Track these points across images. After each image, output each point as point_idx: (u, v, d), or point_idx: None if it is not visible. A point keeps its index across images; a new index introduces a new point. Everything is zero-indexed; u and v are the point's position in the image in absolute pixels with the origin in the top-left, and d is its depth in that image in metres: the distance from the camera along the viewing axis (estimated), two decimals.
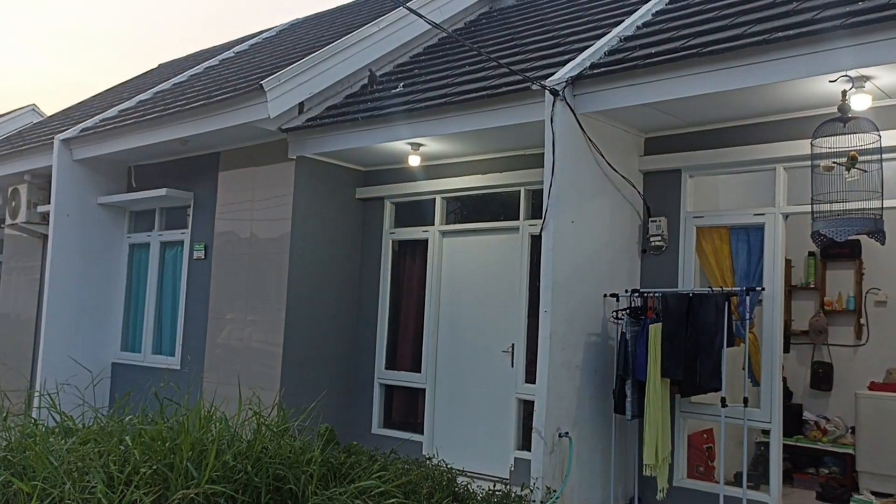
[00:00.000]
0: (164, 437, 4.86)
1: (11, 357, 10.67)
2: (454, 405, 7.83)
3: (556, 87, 5.97)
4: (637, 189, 6.65)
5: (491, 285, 7.71)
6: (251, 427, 5.44)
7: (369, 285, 8.57)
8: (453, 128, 6.94)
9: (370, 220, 8.65)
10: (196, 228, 9.28)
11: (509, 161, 7.53)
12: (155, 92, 11.11)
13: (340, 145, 7.78)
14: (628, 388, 6.06)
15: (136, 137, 9.13)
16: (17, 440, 4.97)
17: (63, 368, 8.55)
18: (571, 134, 6.05)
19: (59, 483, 4.36)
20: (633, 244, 6.68)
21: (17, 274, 11.65)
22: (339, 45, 8.28)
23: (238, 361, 8.29)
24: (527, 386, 7.15)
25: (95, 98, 13.64)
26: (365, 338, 8.52)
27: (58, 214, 9.68)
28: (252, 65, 9.98)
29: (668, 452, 6.02)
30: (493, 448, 7.39)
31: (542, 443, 5.73)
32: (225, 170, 8.93)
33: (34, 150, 10.34)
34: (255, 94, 7.61)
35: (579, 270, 6.12)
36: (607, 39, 6.60)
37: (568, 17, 8.32)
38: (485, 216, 7.96)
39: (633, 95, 5.84)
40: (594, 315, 6.28)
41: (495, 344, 7.56)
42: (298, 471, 4.93)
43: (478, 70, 7.46)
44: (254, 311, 8.32)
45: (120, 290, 10.20)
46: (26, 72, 54.12)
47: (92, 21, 59.45)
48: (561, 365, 5.93)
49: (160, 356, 9.57)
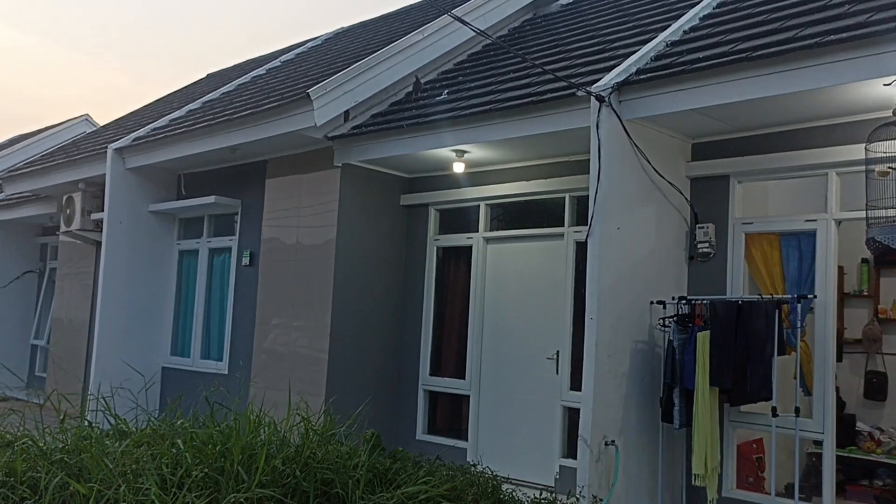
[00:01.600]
0: (215, 441, 4.94)
1: (66, 360, 10.94)
2: (498, 412, 7.82)
3: (601, 94, 5.94)
4: (684, 195, 6.57)
5: (535, 292, 7.69)
6: (299, 432, 5.50)
7: (413, 292, 8.61)
8: (498, 134, 6.95)
9: (414, 227, 8.70)
10: (243, 235, 9.43)
11: (554, 167, 7.51)
12: (204, 101, 11.33)
13: (385, 152, 7.84)
14: (676, 397, 6.00)
15: (186, 146, 9.32)
16: (74, 442, 5.10)
17: (115, 372, 8.77)
18: (617, 140, 6.01)
19: (114, 485, 4.46)
20: (680, 251, 6.60)
21: (70, 280, 11.96)
22: (384, 54, 8.35)
23: (284, 366, 8.40)
24: (572, 393, 7.11)
25: (146, 108, 13.96)
26: (409, 344, 8.56)
27: (111, 222, 9.92)
28: (298, 74, 10.12)
29: (717, 462, 5.93)
30: (537, 455, 7.36)
31: (587, 451, 5.69)
32: (272, 177, 9.06)
33: (88, 159, 10.62)
34: (301, 103, 7.72)
35: (625, 277, 6.07)
36: (654, 44, 6.55)
37: (613, 23, 8.27)
38: (529, 223, 7.95)
39: (680, 101, 5.79)
40: (640, 322, 6.23)
41: (540, 351, 7.53)
42: (345, 476, 4.98)
43: (522, 77, 7.46)
44: (299, 317, 8.42)
45: (170, 296, 10.41)
46: (78, 82, 55.55)
47: (140, 32, 60.80)
48: (607, 372, 5.88)
49: (209, 361, 9.74)
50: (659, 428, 6.20)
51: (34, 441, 5.12)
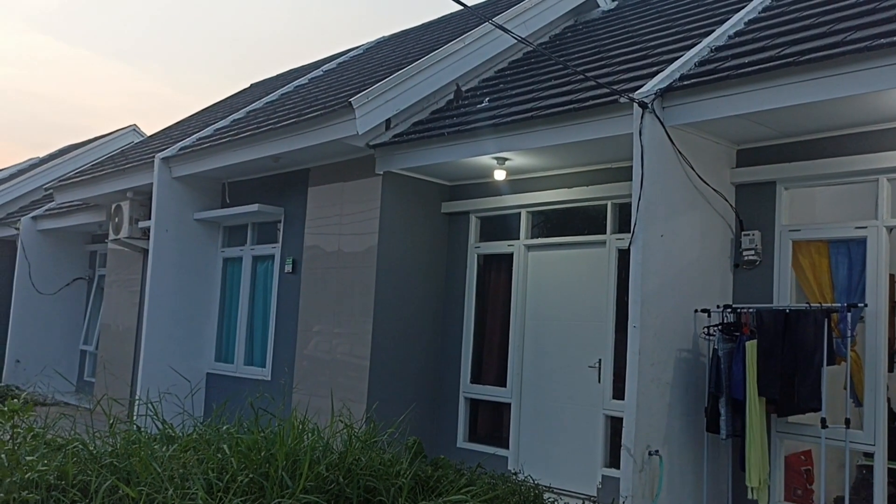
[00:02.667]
0: (260, 446, 5.00)
1: (114, 366, 11.17)
2: (540, 420, 7.78)
3: (644, 100, 5.89)
4: (729, 202, 6.48)
5: (577, 299, 7.65)
6: (341, 438, 5.54)
7: (454, 299, 8.62)
8: (539, 142, 6.94)
9: (455, 235, 8.71)
10: (286, 243, 9.54)
11: (595, 174, 7.47)
12: (248, 111, 11.50)
13: (426, 160, 7.88)
14: (722, 407, 5.91)
15: (231, 155, 9.47)
16: (123, 446, 5.20)
17: (162, 377, 8.93)
18: (660, 147, 5.95)
19: (162, 489, 4.55)
20: (725, 258, 6.51)
21: (118, 287, 12.22)
22: (425, 62, 8.40)
23: (326, 373, 8.47)
24: (614, 402, 7.05)
25: (192, 117, 14.22)
26: (450, 351, 8.57)
27: (157, 229, 10.12)
28: (340, 83, 10.22)
29: (766, 474, 5.82)
30: (579, 465, 7.31)
31: (631, 460, 5.63)
32: (314, 185, 9.16)
33: (136, 169, 10.84)
34: (344, 112, 7.79)
35: (669, 285, 6.01)
36: (697, 50, 6.48)
37: (656, 29, 8.21)
38: (570, 230, 7.91)
39: (725, 107, 5.71)
40: (685, 331, 6.15)
41: (582, 359, 7.48)
42: (388, 483, 5.00)
43: (564, 84, 7.44)
44: (341, 324, 8.48)
45: (214, 303, 10.57)
46: (124, 92, 56.79)
47: (183, 42, 61.97)
48: (650, 381, 5.82)
49: (252, 367, 9.86)
50: (703, 438, 6.11)
51: (85, 445, 5.23)
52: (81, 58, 58.98)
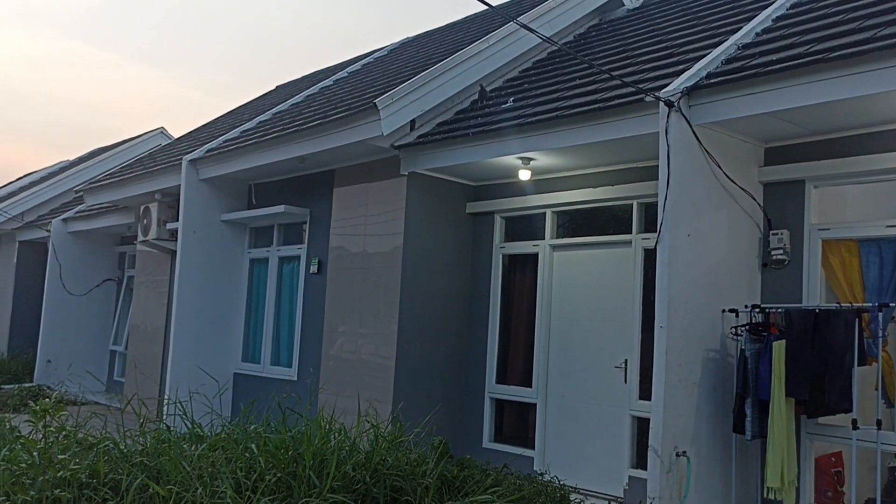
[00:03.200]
0: (287, 446, 5.04)
1: (143, 365, 11.31)
2: (566, 421, 7.76)
3: (670, 99, 5.85)
4: (757, 201, 6.42)
5: (603, 299, 7.61)
6: (368, 438, 5.56)
7: (479, 299, 8.62)
8: (564, 141, 6.91)
9: (480, 235, 8.71)
10: (312, 243, 9.60)
11: (621, 174, 7.43)
12: (274, 113, 11.59)
13: (451, 161, 7.89)
14: (748, 407, 5.85)
15: (257, 156, 9.54)
16: (153, 445, 5.26)
17: (190, 377, 9.02)
18: (687, 145, 5.91)
19: (191, 487, 4.59)
20: (753, 258, 6.45)
21: (147, 287, 12.36)
22: (450, 63, 8.41)
23: (351, 374, 8.50)
24: (641, 402, 7.01)
25: (218, 120, 14.36)
26: (475, 352, 8.57)
27: (185, 231, 10.22)
28: (365, 84, 10.26)
29: (794, 475, 5.75)
30: (606, 465, 7.27)
31: (658, 461, 5.60)
32: (339, 186, 9.21)
33: (164, 171, 10.97)
34: (369, 113, 7.83)
35: (696, 285, 5.96)
36: (724, 47, 6.43)
37: (682, 27, 8.15)
38: (596, 230, 7.88)
39: (752, 105, 5.65)
40: (712, 331, 6.10)
41: (608, 359, 7.44)
42: (415, 483, 5.01)
43: (589, 83, 7.41)
44: (366, 325, 8.51)
45: (241, 303, 10.66)
46: (152, 95, 57.49)
47: (209, 46, 62.53)
48: (677, 382, 5.78)
49: (278, 367, 9.93)
50: (732, 439, 6.06)
51: (115, 444, 5.30)
52: (109, 61, 59.79)
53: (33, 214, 16.66)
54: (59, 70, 61.36)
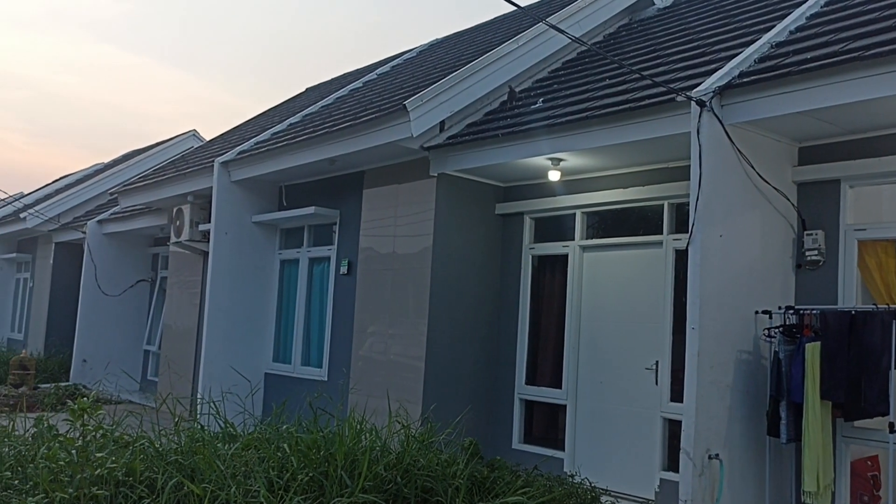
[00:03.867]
0: (319, 446, 5.08)
1: (176, 365, 11.45)
2: (596, 422, 7.72)
3: (702, 98, 5.81)
4: (791, 201, 6.34)
5: (633, 301, 7.57)
6: (398, 439, 5.59)
7: (509, 300, 8.61)
8: (594, 142, 6.89)
9: (510, 236, 8.70)
10: (342, 244, 9.66)
11: (652, 174, 7.38)
12: (304, 115, 11.67)
13: (481, 162, 7.89)
14: (782, 410, 5.79)
15: (288, 158, 9.62)
16: (187, 444, 5.34)
17: (222, 377, 9.13)
18: (719, 145, 5.86)
19: (225, 486, 4.65)
20: (787, 259, 6.37)
21: (179, 288, 12.53)
22: (479, 64, 8.41)
23: (381, 374, 8.54)
24: (672, 405, 6.95)
25: (249, 122, 14.50)
26: (505, 352, 8.56)
27: (217, 232, 10.34)
28: (395, 86, 10.30)
29: (830, 479, 5.68)
30: (637, 468, 7.23)
31: (690, 464, 5.55)
32: (369, 188, 9.26)
33: (196, 173, 11.10)
34: (398, 114, 7.86)
35: (728, 286, 5.90)
36: (757, 46, 6.35)
37: (713, 25, 8.07)
38: (626, 231, 7.83)
39: (786, 104, 5.59)
40: (745, 332, 6.03)
41: (638, 361, 7.40)
42: (445, 483, 5.03)
43: (619, 83, 7.37)
44: (395, 325, 8.55)
45: (272, 304, 10.76)
46: (184, 98, 58.22)
47: (239, 49, 63.17)
48: (710, 384, 5.72)
49: (309, 367, 10.01)
50: (766, 442, 5.99)
51: (151, 442, 5.38)
52: (142, 65, 60.64)
53: (69, 216, 16.96)
54: (94, 74, 62.39)
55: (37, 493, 4.57)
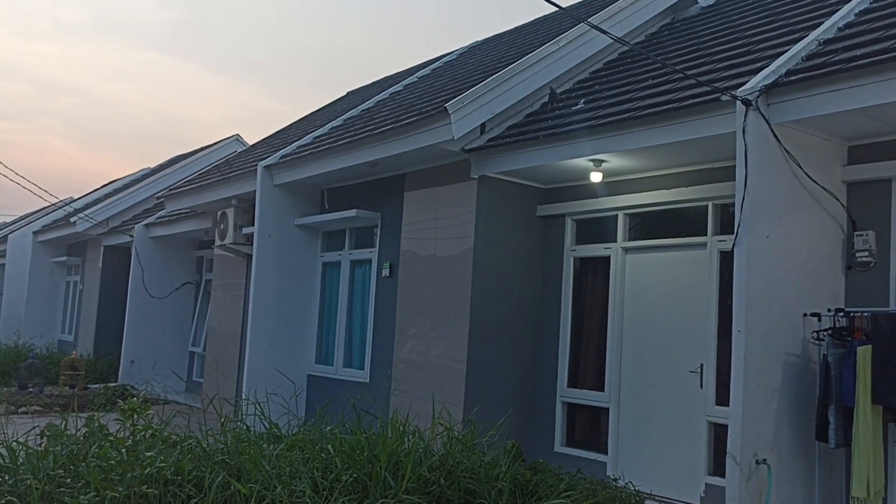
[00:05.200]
0: (363, 447, 5.11)
1: (222, 366, 11.62)
2: (639, 426, 7.65)
3: (748, 97, 5.72)
4: (840, 201, 6.21)
5: (677, 303, 7.48)
6: (441, 440, 5.60)
7: (550, 302, 8.58)
8: (637, 143, 6.83)
9: (551, 238, 8.67)
10: (383, 247, 9.71)
11: (695, 175, 7.29)
12: (345, 118, 11.77)
13: (522, 164, 7.87)
14: (831, 415, 5.66)
15: (330, 162, 9.71)
16: (233, 444, 5.41)
17: (266, 378, 9.24)
18: (765, 145, 5.77)
19: (271, 486, 4.71)
20: (836, 260, 6.24)
21: (223, 291, 12.71)
22: (519, 66, 8.39)
23: (422, 376, 8.56)
24: (718, 408, 6.85)
25: (291, 126, 14.66)
26: (546, 355, 8.52)
27: (260, 235, 10.48)
28: (435, 88, 10.33)
29: (881, 485, 5.54)
30: (681, 472, 7.14)
31: (737, 469, 5.46)
32: (410, 190, 9.29)
33: (240, 177, 11.27)
34: (439, 117, 7.88)
35: (776, 288, 5.80)
36: (805, 44, 6.24)
37: (759, 23, 7.95)
38: (669, 232, 7.74)
39: (836, 102, 5.48)
40: (793, 335, 5.92)
41: (682, 363, 7.30)
42: (488, 486, 5.02)
43: (662, 83, 7.29)
44: (436, 328, 8.56)
45: (314, 306, 10.86)
46: (227, 103, 59.08)
47: (280, 54, 63.94)
48: (757, 387, 5.63)
49: (351, 369, 10.08)
50: (815, 447, 5.88)
51: (198, 442, 5.47)
52: (186, 71, 61.77)
53: (117, 220, 17.34)
54: (139, 81, 63.72)
55: (88, 491, 4.67)
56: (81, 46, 63.39)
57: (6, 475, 5.06)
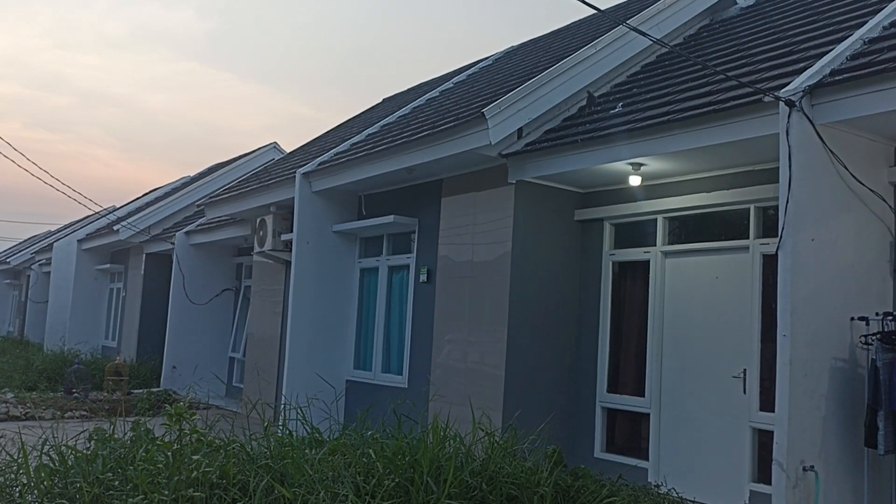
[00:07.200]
0: (405, 452, 5.13)
1: (261, 372, 11.74)
2: (681, 431, 7.56)
3: (791, 98, 5.64)
4: (887, 202, 6.09)
5: (718, 307, 7.38)
6: (482, 446, 5.59)
7: (589, 307, 8.52)
8: (676, 146, 6.76)
9: (589, 242, 8.62)
10: (420, 253, 9.74)
11: (737, 177, 7.20)
12: (382, 125, 11.84)
13: (559, 168, 7.84)
14: (880, 420, 5.55)
15: (367, 168, 9.78)
16: (276, 449, 5.47)
17: (305, 383, 9.31)
18: (809, 146, 5.67)
19: (314, 490, 4.75)
20: (884, 263, 6.11)
21: (263, 297, 12.85)
22: (556, 70, 8.37)
23: (460, 381, 8.56)
24: (761, 414, 6.75)
25: (328, 133, 14.79)
26: (585, 360, 8.47)
27: (299, 242, 10.57)
28: (471, 94, 10.35)
29: None
30: (724, 479, 7.04)
31: (783, 476, 5.37)
32: (447, 196, 9.31)
33: (278, 184, 11.39)
34: (476, 122, 7.89)
35: (821, 292, 5.70)
36: (849, 43, 6.13)
37: (801, 23, 7.83)
38: (710, 235, 7.65)
39: (882, 102, 5.37)
40: (840, 340, 5.81)
41: (724, 369, 7.21)
42: (530, 491, 5.00)
43: (701, 85, 7.22)
44: (474, 333, 8.56)
45: (352, 312, 10.92)
46: (264, 111, 59.79)
47: (316, 62, 64.53)
48: (803, 393, 5.53)
49: (389, 374, 10.11)
50: (864, 454, 5.75)
51: (242, 446, 5.53)
52: (224, 80, 62.70)
53: (158, 228, 17.64)
54: (179, 90, 64.86)
55: (136, 494, 4.75)
56: (123, 58, 64.72)
57: (57, 478, 5.16)
